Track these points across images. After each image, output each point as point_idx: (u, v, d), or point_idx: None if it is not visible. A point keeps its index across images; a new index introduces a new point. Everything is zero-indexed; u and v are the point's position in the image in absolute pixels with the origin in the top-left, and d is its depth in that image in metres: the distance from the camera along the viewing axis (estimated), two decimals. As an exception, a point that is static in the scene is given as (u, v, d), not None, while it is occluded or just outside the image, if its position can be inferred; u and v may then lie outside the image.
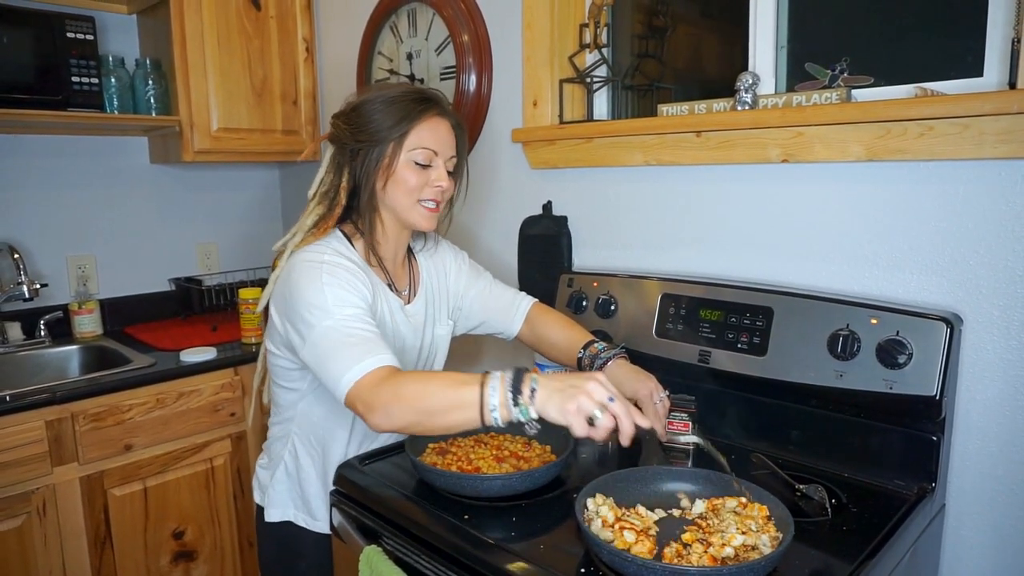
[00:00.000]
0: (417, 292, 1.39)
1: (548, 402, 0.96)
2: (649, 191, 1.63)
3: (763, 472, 1.20)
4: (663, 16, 1.80)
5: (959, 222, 1.20)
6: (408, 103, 1.23)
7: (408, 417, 1.02)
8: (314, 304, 1.13)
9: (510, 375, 0.99)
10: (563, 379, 0.98)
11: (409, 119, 1.22)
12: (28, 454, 1.71)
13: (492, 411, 0.97)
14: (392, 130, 1.22)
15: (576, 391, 0.95)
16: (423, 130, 1.24)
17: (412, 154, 1.23)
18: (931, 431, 1.16)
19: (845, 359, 1.20)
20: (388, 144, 1.23)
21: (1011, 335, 1.17)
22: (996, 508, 1.21)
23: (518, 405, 0.96)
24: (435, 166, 1.26)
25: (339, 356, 1.09)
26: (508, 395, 0.97)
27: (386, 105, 1.23)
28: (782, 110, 1.35)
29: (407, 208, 1.26)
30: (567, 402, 0.94)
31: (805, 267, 1.39)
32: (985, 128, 1.13)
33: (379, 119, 1.23)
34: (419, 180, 1.24)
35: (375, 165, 1.24)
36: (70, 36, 1.98)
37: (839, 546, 0.99)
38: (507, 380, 0.98)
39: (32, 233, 2.25)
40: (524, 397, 0.96)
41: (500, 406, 0.97)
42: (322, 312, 1.12)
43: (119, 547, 1.89)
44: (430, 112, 1.25)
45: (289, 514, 1.33)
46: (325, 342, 1.11)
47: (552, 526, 1.05)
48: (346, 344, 1.10)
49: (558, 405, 0.95)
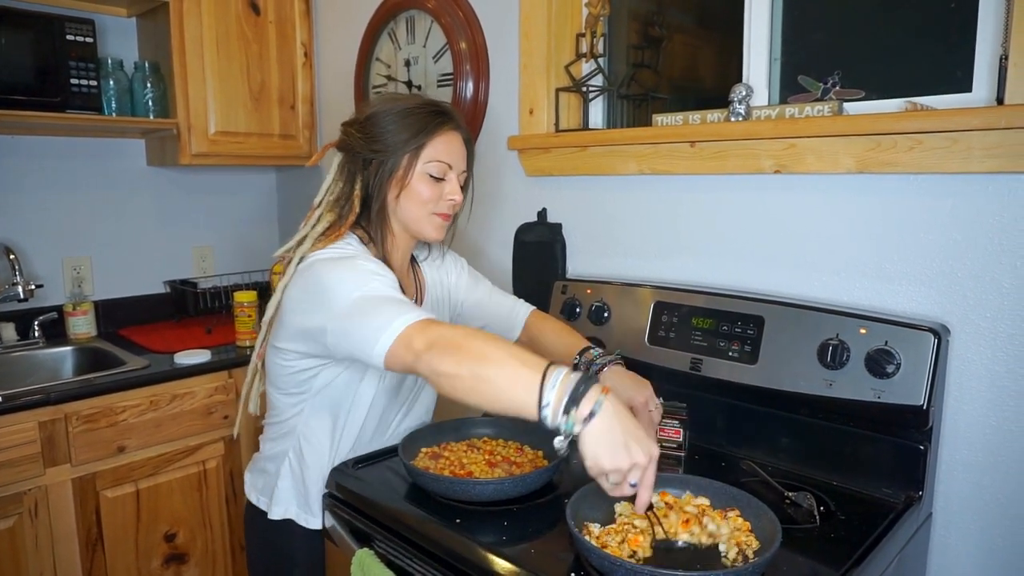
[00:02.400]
0: (423, 301, 1.39)
1: (598, 438, 0.87)
2: (643, 200, 1.65)
3: (753, 479, 1.21)
4: (659, 27, 1.82)
5: (947, 234, 1.22)
6: (425, 116, 1.24)
7: (461, 368, 0.94)
8: (348, 277, 1.11)
9: (575, 379, 0.90)
10: (630, 428, 0.89)
11: (426, 132, 1.23)
12: (20, 455, 1.71)
13: (546, 406, 0.89)
14: (408, 143, 1.22)
15: (627, 455, 0.87)
16: (439, 143, 1.24)
17: (427, 167, 1.23)
18: (918, 440, 1.17)
19: (834, 368, 1.21)
20: (403, 156, 1.22)
21: (997, 346, 1.18)
22: (982, 517, 1.22)
23: (568, 415, 0.88)
24: (449, 179, 1.26)
25: (383, 311, 1.04)
26: (565, 398, 0.88)
27: (401, 117, 1.23)
28: (775, 122, 1.37)
29: (419, 220, 1.26)
30: (611, 458, 0.87)
31: (796, 277, 1.41)
32: (973, 143, 1.14)
33: (394, 130, 1.22)
34: (433, 193, 1.25)
35: (389, 176, 1.24)
36: (69, 38, 1.99)
37: (827, 553, 1.00)
38: (570, 383, 0.89)
39: (28, 234, 2.25)
40: (579, 412, 0.87)
41: (553, 404, 0.88)
42: (357, 282, 1.10)
43: (110, 549, 1.89)
44: (446, 126, 1.25)
45: (291, 512, 1.33)
46: (364, 303, 1.07)
47: (543, 531, 1.06)
48: (391, 302, 1.06)
49: (603, 451, 0.87)
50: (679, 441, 1.32)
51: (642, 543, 0.96)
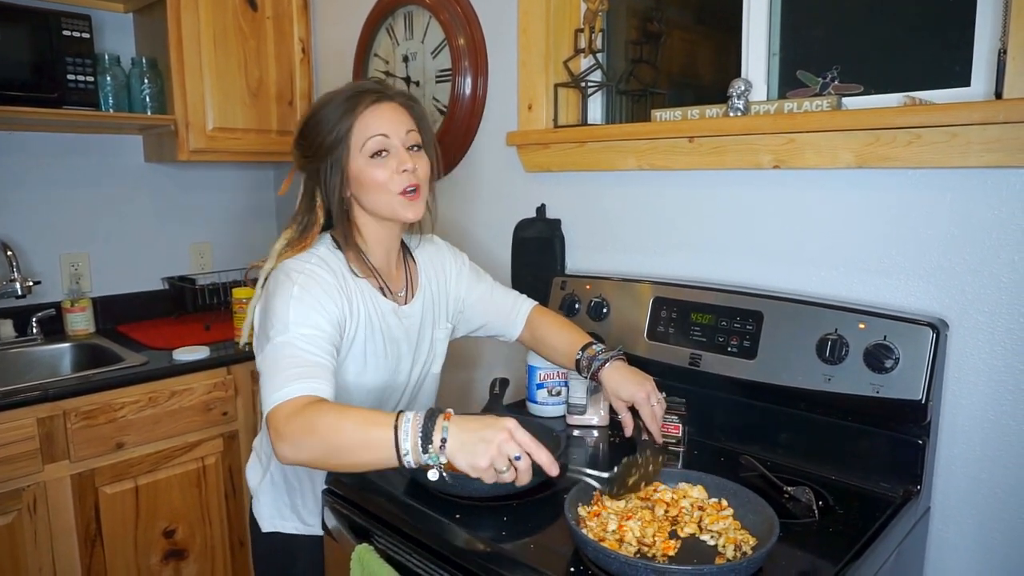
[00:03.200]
0: (415, 293, 1.36)
1: (458, 453, 0.94)
2: (642, 195, 1.65)
3: (752, 474, 1.21)
4: (657, 22, 1.81)
5: (946, 229, 1.22)
6: (342, 102, 1.19)
7: (316, 451, 0.99)
8: (278, 317, 1.12)
9: (422, 418, 0.96)
10: (476, 427, 0.95)
11: (348, 115, 1.18)
12: (19, 451, 1.70)
13: (405, 455, 0.95)
14: (335, 133, 1.18)
15: (486, 446, 0.93)
16: (365, 119, 1.18)
17: (365, 148, 1.18)
18: (917, 435, 1.17)
19: (833, 363, 1.21)
20: (338, 149, 1.18)
21: (996, 340, 1.18)
22: (980, 511, 1.23)
23: (427, 452, 0.94)
24: (393, 151, 1.20)
25: (274, 375, 1.07)
26: (419, 440, 0.95)
27: (324, 114, 1.19)
28: (774, 117, 1.37)
29: (386, 204, 1.21)
30: (477, 458, 0.93)
31: (795, 272, 1.41)
32: (972, 137, 1.14)
33: (322, 130, 1.19)
34: (383, 172, 1.19)
35: (335, 176, 1.20)
36: (66, 34, 1.98)
37: (825, 547, 1.00)
38: (418, 424, 0.95)
39: (26, 230, 2.24)
40: (434, 446, 0.94)
41: (412, 450, 0.95)
42: (282, 326, 1.11)
43: (109, 545, 1.89)
44: (366, 100, 1.19)
45: (277, 524, 1.33)
46: (271, 357, 1.09)
47: (543, 526, 1.06)
48: (286, 364, 1.07)
49: (468, 460, 0.94)
50: (678, 436, 1.32)
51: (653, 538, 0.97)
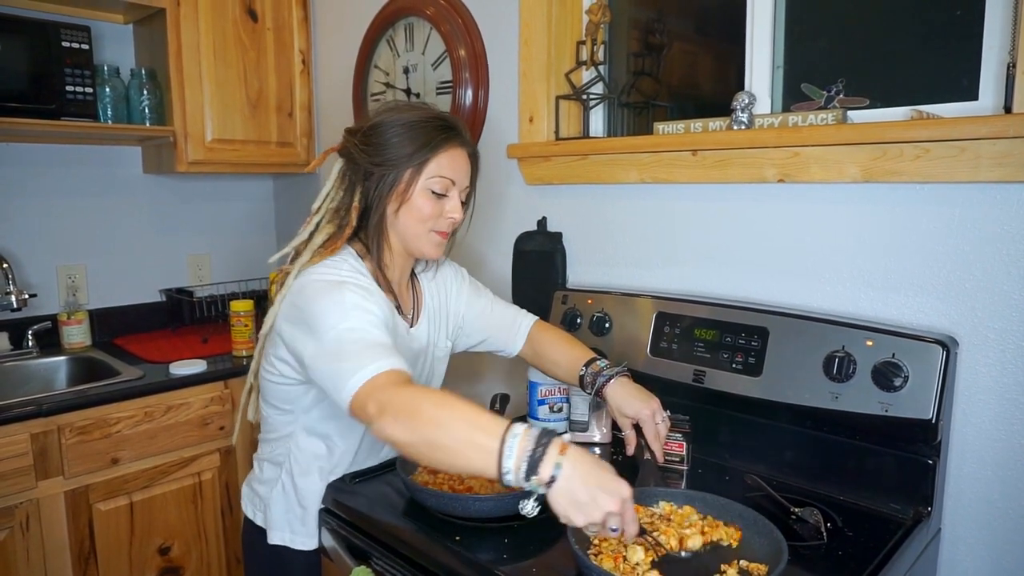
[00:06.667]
0: (420, 316, 1.36)
1: (561, 498, 0.87)
2: (644, 209, 1.63)
3: (758, 494, 1.19)
4: (660, 34, 1.80)
5: (955, 244, 1.20)
6: (430, 130, 1.20)
7: (416, 436, 0.93)
8: (332, 310, 1.09)
9: (532, 440, 0.88)
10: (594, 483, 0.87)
11: (431, 147, 1.19)
12: (12, 468, 1.68)
13: (506, 473, 0.88)
14: (412, 157, 1.18)
15: (594, 509, 0.86)
16: (443, 159, 1.21)
17: (430, 182, 1.20)
18: (927, 455, 1.15)
19: (841, 381, 1.19)
20: (406, 170, 1.19)
21: (1007, 358, 1.16)
22: (992, 533, 1.20)
23: (530, 481, 0.87)
24: (451, 196, 1.23)
25: (347, 359, 1.03)
26: (523, 464, 0.87)
27: (406, 129, 1.19)
28: (778, 130, 1.35)
29: (418, 236, 1.23)
30: (578, 514, 0.87)
31: (801, 287, 1.39)
32: (981, 151, 1.13)
33: (398, 143, 1.19)
34: (434, 209, 1.21)
35: (389, 190, 1.20)
36: (65, 45, 1.97)
37: (834, 571, 0.98)
38: (527, 446, 0.88)
39: (22, 242, 2.22)
40: (539, 477, 0.87)
41: (513, 471, 0.88)
42: (341, 315, 1.08)
43: (103, 563, 1.86)
44: (452, 141, 1.22)
45: (287, 538, 1.30)
46: (339, 344, 1.05)
47: (544, 548, 1.04)
48: (358, 348, 1.04)
49: (568, 512, 0.87)
50: (682, 455, 1.30)
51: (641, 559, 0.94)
